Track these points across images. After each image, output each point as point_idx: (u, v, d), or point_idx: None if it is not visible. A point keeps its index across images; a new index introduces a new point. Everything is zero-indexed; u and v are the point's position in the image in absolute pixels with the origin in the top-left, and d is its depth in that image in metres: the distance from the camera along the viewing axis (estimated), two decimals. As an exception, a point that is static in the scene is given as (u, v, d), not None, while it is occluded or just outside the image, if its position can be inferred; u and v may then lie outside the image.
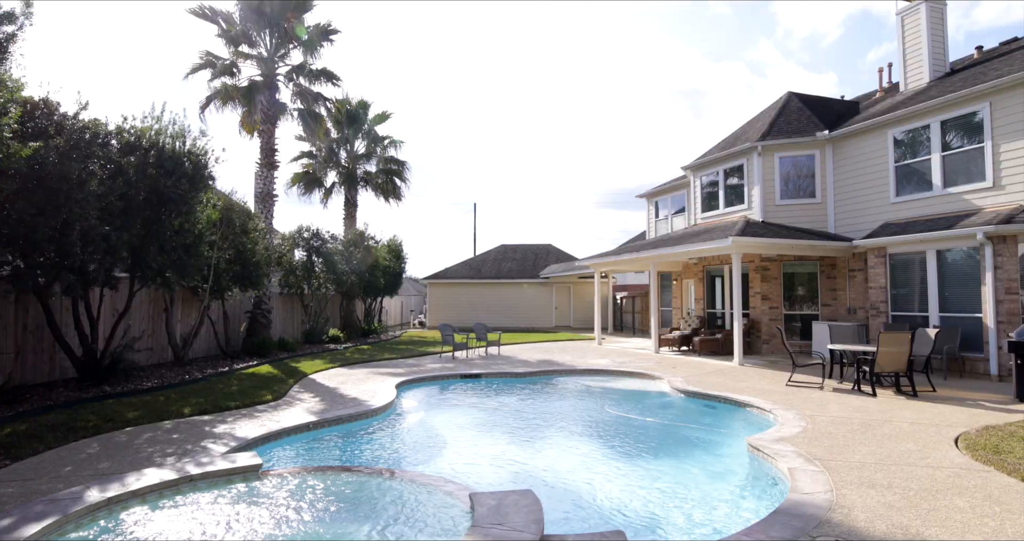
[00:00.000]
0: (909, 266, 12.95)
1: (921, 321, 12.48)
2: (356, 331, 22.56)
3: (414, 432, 7.92)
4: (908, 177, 13.57)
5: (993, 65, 13.03)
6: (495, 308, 30.89)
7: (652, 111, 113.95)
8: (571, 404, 10.13)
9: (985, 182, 11.88)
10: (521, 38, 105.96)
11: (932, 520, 4.23)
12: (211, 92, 17.23)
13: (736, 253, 13.65)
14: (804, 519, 4.20)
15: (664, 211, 23.35)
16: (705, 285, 18.62)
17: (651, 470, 6.20)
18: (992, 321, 11.10)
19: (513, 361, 14.80)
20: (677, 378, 11.55)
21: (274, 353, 15.52)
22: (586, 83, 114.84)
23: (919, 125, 13.27)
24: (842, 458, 5.84)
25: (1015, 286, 10.92)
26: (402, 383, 11.10)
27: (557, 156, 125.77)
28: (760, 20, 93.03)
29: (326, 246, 19.66)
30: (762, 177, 16.14)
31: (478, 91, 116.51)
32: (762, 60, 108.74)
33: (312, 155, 24.01)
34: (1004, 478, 5.22)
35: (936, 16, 14.92)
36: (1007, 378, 10.74)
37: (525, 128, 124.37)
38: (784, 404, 8.69)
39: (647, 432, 8.08)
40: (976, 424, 7.34)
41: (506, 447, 7.18)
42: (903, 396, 9.47)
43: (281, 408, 8.52)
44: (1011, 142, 11.45)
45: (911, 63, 15.33)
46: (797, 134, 15.89)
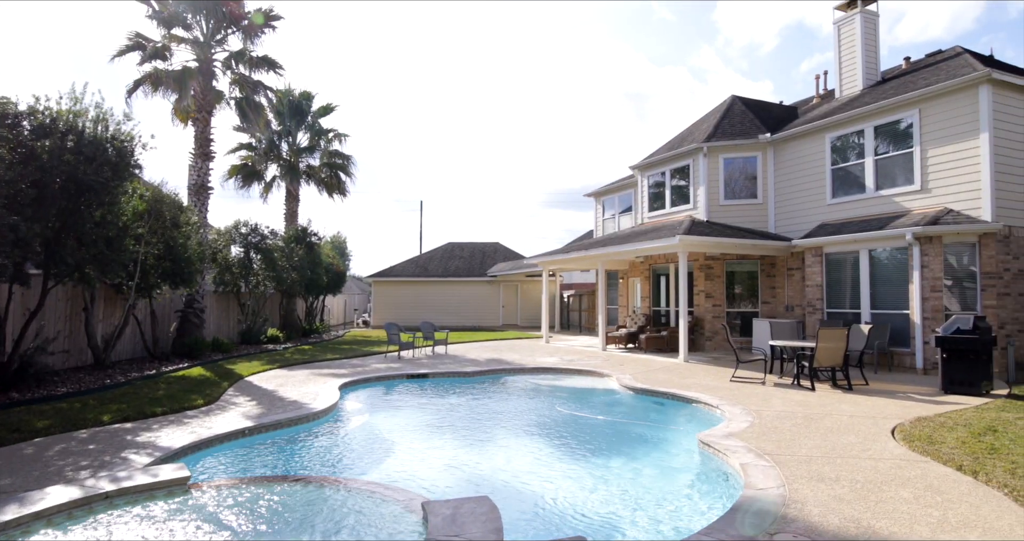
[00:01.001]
0: (843, 265, 13.48)
1: (853, 318, 13.02)
2: (297, 331, 21.72)
3: (360, 436, 7.54)
4: (844, 180, 14.14)
5: (921, 75, 13.73)
6: (442, 307, 30.47)
7: (598, 113, 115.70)
8: (522, 403, 9.97)
9: (914, 185, 12.50)
10: (470, 37, 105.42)
11: (881, 512, 4.28)
12: (140, 76, 16.13)
13: (683, 251, 13.86)
14: (761, 516, 4.17)
15: (611, 210, 23.60)
16: (651, 283, 18.89)
17: (606, 470, 6.10)
18: (919, 317, 11.67)
19: (461, 360, 14.54)
20: (625, 375, 11.59)
21: (207, 354, 14.68)
22: (534, 83, 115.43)
23: (854, 130, 13.85)
24: (790, 452, 5.91)
25: (939, 284, 11.51)
26: (346, 384, 10.66)
27: (504, 155, 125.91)
28: (702, 28, 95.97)
29: (265, 242, 18.80)
30: (707, 178, 16.49)
31: (426, 89, 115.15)
32: (704, 66, 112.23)
33: (251, 147, 22.94)
34: (941, 468, 5.39)
35: (870, 27, 15.62)
36: (932, 371, 11.31)
37: (473, 126, 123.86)
38: (731, 400, 8.81)
39: (599, 430, 8.01)
40: (909, 416, 7.63)
41: (458, 450, 6.94)
42: (839, 390, 9.81)
43: (214, 413, 7.97)
44: (938, 148, 12.07)
45: (846, 71, 16.00)
46: (740, 136, 16.32)
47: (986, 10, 75.16)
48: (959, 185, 11.70)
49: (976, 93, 11.49)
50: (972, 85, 11.55)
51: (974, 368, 9.15)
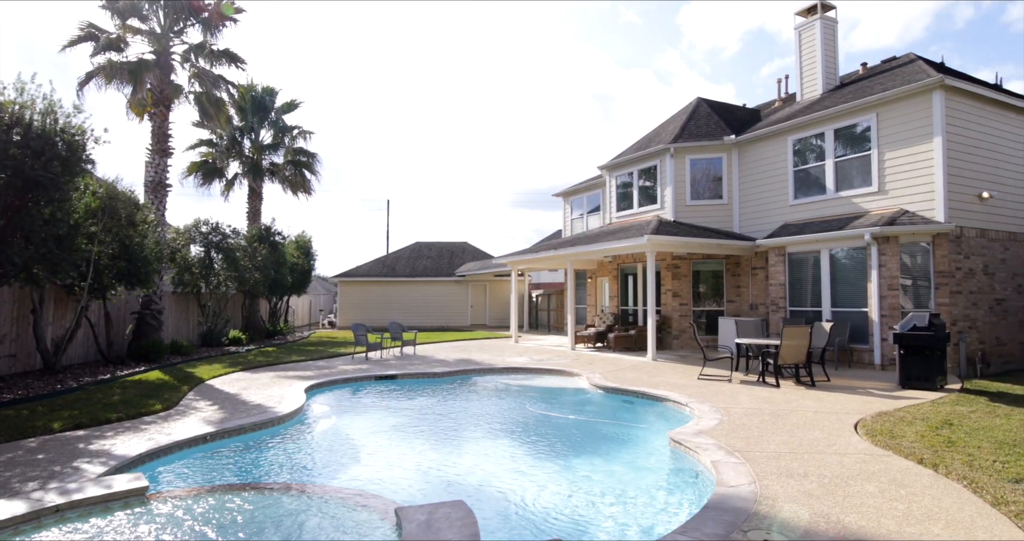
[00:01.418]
0: (805, 264, 13.82)
1: (815, 316, 13.36)
2: (260, 332, 21.18)
3: (327, 440, 7.36)
4: (805, 181, 14.49)
5: (878, 80, 14.17)
6: (410, 307, 30.16)
7: (565, 113, 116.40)
8: (493, 404, 9.90)
9: (872, 187, 12.89)
10: (437, 36, 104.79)
11: (849, 506, 4.36)
12: (93, 68, 15.45)
13: (651, 251, 14.00)
14: (734, 513, 4.19)
15: (579, 210, 23.73)
16: (619, 283, 19.05)
17: (579, 469, 6.08)
18: (876, 315, 12.04)
19: (430, 361, 14.39)
20: (595, 374, 11.64)
21: (166, 358, 14.17)
22: (502, 83, 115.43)
23: (815, 133, 14.21)
24: (759, 449, 5.99)
25: (896, 283, 11.90)
26: (312, 387, 10.41)
27: (472, 154, 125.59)
28: (667, 31, 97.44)
29: (227, 241, 18.25)
30: (674, 178, 16.70)
31: (393, 87, 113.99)
32: (668, 69, 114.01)
33: (212, 143, 22.25)
34: (903, 462, 5.54)
35: (829, 32, 16.06)
36: (889, 367, 11.69)
37: (441, 126, 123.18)
38: (699, 397, 8.92)
39: (571, 430, 8.00)
40: (870, 411, 7.85)
41: (429, 452, 6.82)
42: (803, 386, 10.03)
43: (173, 419, 7.67)
44: (894, 150, 12.48)
45: (807, 75, 16.40)
46: (706, 138, 16.58)
47: (935, 20, 78.43)
48: (914, 187, 12.11)
49: (930, 98, 11.91)
50: (926, 90, 11.97)
51: (930, 364, 9.48)
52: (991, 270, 12.40)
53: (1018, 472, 5.20)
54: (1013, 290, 12.84)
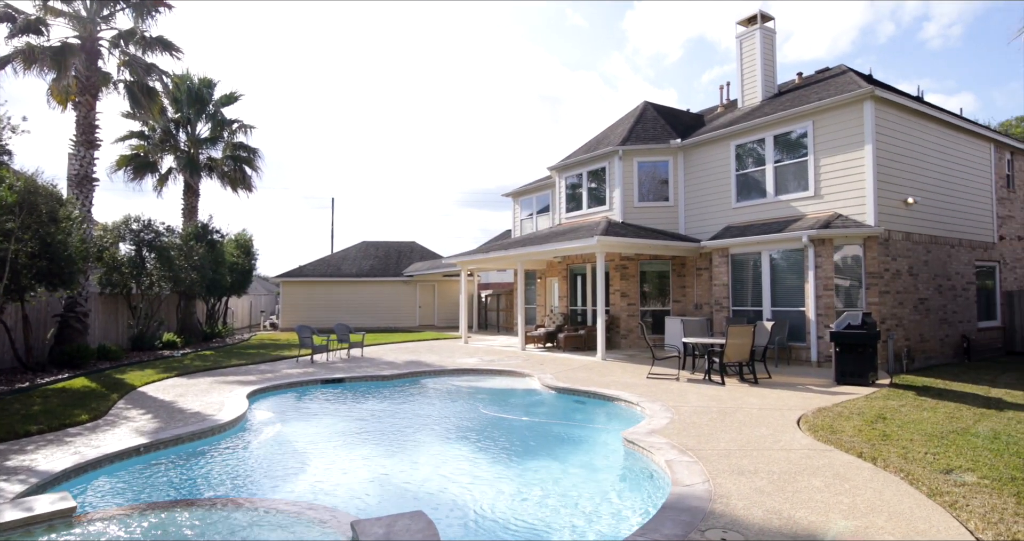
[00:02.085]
0: (747, 265, 14.31)
1: (756, 315, 13.85)
2: (197, 335, 20.19)
3: (274, 449, 7.04)
4: (747, 185, 15.01)
5: (813, 89, 14.83)
6: (356, 308, 29.49)
7: (514, 114, 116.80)
8: (446, 406, 9.76)
9: (808, 192, 13.47)
10: (385, 34, 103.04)
11: (798, 502, 4.50)
12: (11, 51, 14.31)
13: (600, 252, 14.16)
14: (691, 513, 4.25)
15: (529, 210, 23.80)
16: (568, 283, 19.22)
17: (536, 472, 6.04)
18: (813, 314, 12.59)
19: (378, 363, 14.08)
20: (546, 375, 11.67)
21: (93, 363, 13.28)
22: (450, 82, 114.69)
23: (756, 139, 14.73)
24: (710, 447, 6.12)
25: (831, 283, 12.48)
26: (255, 392, 9.99)
27: (420, 153, 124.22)
28: (613, 35, 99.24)
29: (160, 239, 17.29)
30: (622, 180, 16.98)
31: (339, 83, 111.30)
32: (614, 73, 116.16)
33: (144, 136, 21.01)
34: (845, 456, 5.77)
35: (768, 42, 16.70)
36: (825, 363, 12.24)
37: (388, 124, 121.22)
38: (649, 396, 9.07)
39: (526, 432, 7.97)
40: (811, 407, 8.18)
41: (384, 459, 6.62)
42: (747, 383, 10.37)
43: (102, 430, 7.17)
44: (829, 157, 13.08)
45: (747, 82, 17.00)
46: (653, 141, 16.92)
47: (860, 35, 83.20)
48: (847, 192, 12.73)
49: (861, 108, 12.54)
50: (858, 101, 12.60)
51: (863, 360, 9.98)
52: (915, 271, 13.18)
53: (947, 463, 5.51)
54: (934, 290, 13.70)
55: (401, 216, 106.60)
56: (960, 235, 14.61)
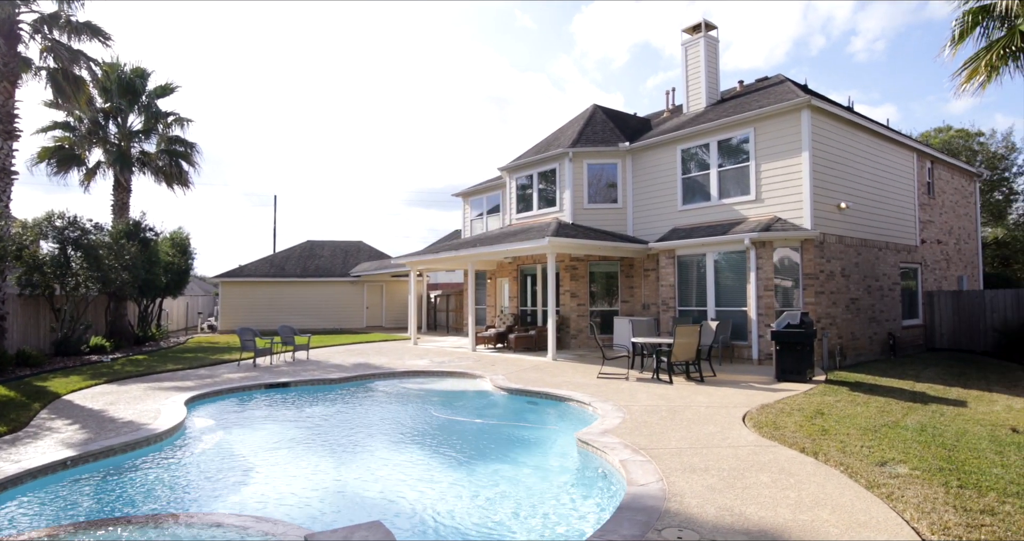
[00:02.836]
0: (692, 266, 14.73)
1: (701, 315, 14.27)
2: (128, 339, 19.11)
3: (216, 458, 6.72)
4: (692, 188, 15.45)
5: (754, 97, 15.41)
6: (302, 309, 28.64)
7: (462, 113, 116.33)
8: (396, 410, 9.58)
9: (750, 196, 13.98)
10: (330, 28, 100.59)
11: (748, 498, 4.64)
12: (-89, 32, 13.14)
13: (551, 252, 14.26)
14: (647, 513, 4.31)
15: (479, 210, 23.74)
16: (519, 283, 19.27)
17: (492, 476, 6.01)
18: (754, 313, 13.08)
19: (325, 366, 13.71)
20: (498, 376, 11.65)
21: (11, 370, 12.36)
22: (398, 79, 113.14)
23: (701, 143, 15.18)
24: (662, 445, 6.24)
25: (771, 284, 13.00)
26: (194, 398, 9.53)
27: (366, 151, 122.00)
28: (561, 38, 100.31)
29: (88, 237, 16.25)
30: (572, 182, 17.16)
31: (283, 78, 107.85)
32: (562, 75, 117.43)
33: (70, 127, 19.68)
34: (788, 451, 6.00)
35: (711, 50, 17.25)
36: (766, 361, 12.74)
37: (333, 120, 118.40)
38: (600, 396, 9.18)
39: (479, 435, 7.92)
40: (754, 404, 8.48)
41: (335, 467, 6.42)
42: (693, 382, 10.65)
43: (23, 442, 6.66)
44: (769, 163, 13.61)
45: (692, 89, 17.50)
46: (603, 143, 17.18)
47: (794, 47, 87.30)
48: (786, 196, 13.29)
49: (799, 117, 13.11)
50: (796, 109, 13.17)
51: (801, 358, 10.43)
52: (847, 272, 13.89)
53: (882, 455, 5.81)
54: (864, 290, 14.48)
55: (347, 215, 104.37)
56: (887, 238, 15.50)
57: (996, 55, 8.47)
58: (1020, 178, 29.52)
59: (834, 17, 77.41)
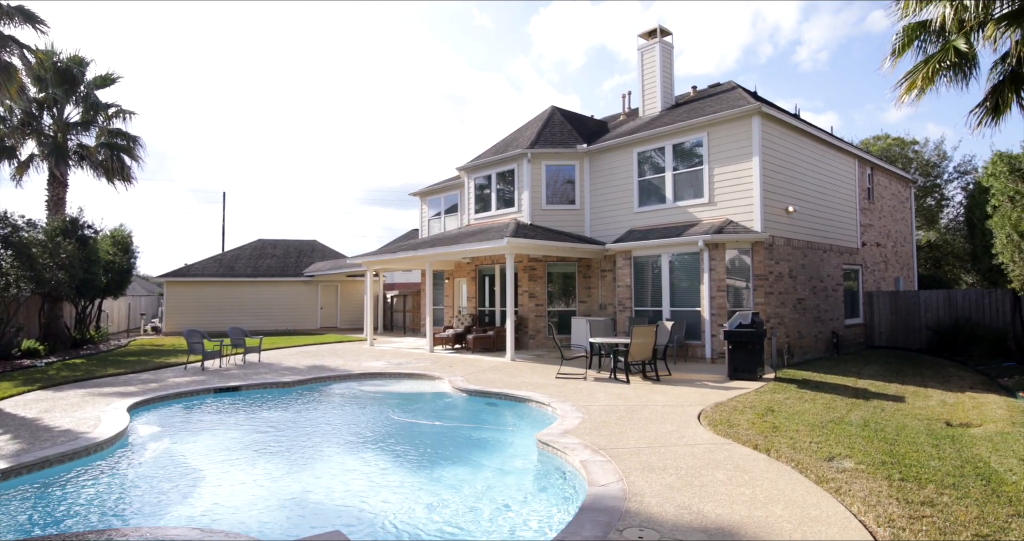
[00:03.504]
0: (648, 267, 15.00)
1: (656, 315, 14.55)
2: (64, 342, 18.12)
3: (162, 468, 6.42)
4: (648, 190, 15.74)
5: (707, 103, 15.81)
6: (253, 310, 27.77)
7: (419, 112, 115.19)
8: (353, 413, 9.40)
9: (704, 199, 14.34)
10: (283, 22, 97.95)
11: (705, 495, 4.74)
12: None
13: (510, 253, 14.27)
14: (608, 513, 4.35)
15: (436, 209, 23.56)
16: (477, 284, 19.21)
17: (452, 479, 5.95)
18: (708, 313, 13.43)
19: (278, 368, 13.33)
20: (457, 377, 11.58)
21: (-68, 377, 11.53)
22: (353, 76, 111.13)
23: (656, 147, 15.48)
24: (621, 445, 6.32)
25: (723, 285, 13.36)
26: (138, 405, 9.11)
27: (320, 148, 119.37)
28: (519, 38, 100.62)
29: (19, 234, 15.32)
30: (531, 183, 17.22)
31: (232, 72, 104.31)
32: (520, 76, 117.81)
33: (0, 118, 18.53)
34: (742, 449, 6.18)
35: (667, 55, 17.61)
36: (719, 360, 13.09)
37: (286, 116, 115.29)
38: (559, 397, 9.24)
39: (439, 437, 7.84)
40: (709, 402, 8.69)
41: (290, 474, 6.23)
42: (649, 381, 10.85)
43: (-52, 456, 6.21)
44: (722, 166, 13.99)
45: (648, 93, 17.83)
46: (561, 145, 17.31)
47: (743, 54, 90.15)
48: (738, 200, 13.69)
49: (750, 122, 13.53)
50: (747, 115, 13.58)
51: (752, 357, 10.76)
52: (795, 274, 14.42)
53: (829, 451, 6.05)
54: (810, 291, 15.06)
55: (300, 213, 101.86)
56: (831, 241, 16.17)
57: (932, 69, 8.94)
58: (950, 185, 31.31)
59: (781, 27, 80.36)
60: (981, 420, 7.66)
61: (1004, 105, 9.14)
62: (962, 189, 30.41)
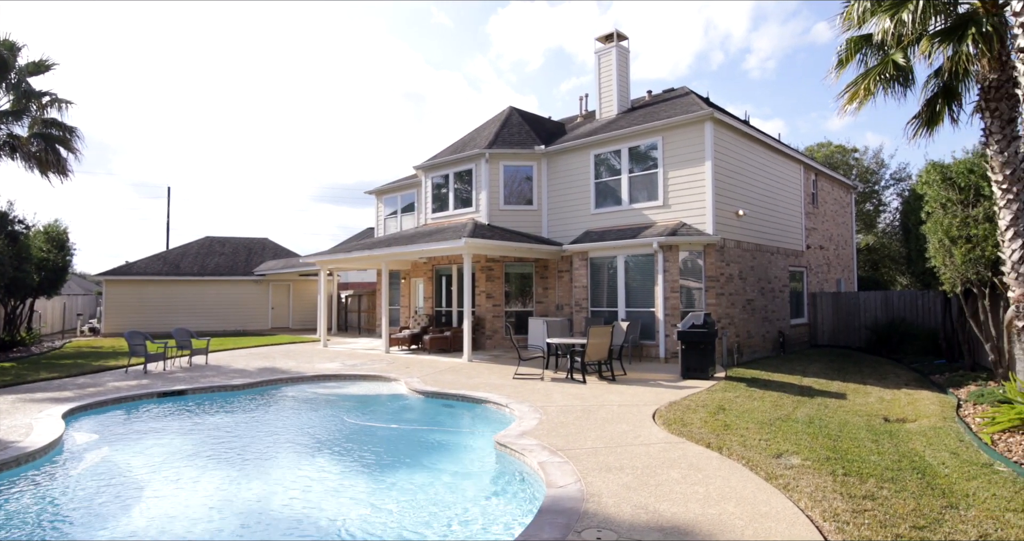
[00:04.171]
0: (604, 268, 15.21)
1: (612, 315, 14.77)
2: (-9, 344, 17.03)
3: (100, 479, 6.10)
4: (605, 192, 15.95)
5: (662, 107, 16.14)
6: (200, 310, 26.76)
7: (375, 109, 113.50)
8: (306, 417, 9.16)
9: (658, 201, 14.63)
10: (234, 14, 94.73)
11: (661, 495, 4.83)
12: None
13: (468, 253, 14.21)
14: (567, 515, 4.38)
15: (393, 208, 23.27)
16: (434, 284, 19.06)
17: (409, 484, 5.87)
18: (661, 314, 13.71)
19: (227, 371, 12.89)
20: (413, 378, 11.46)
21: None
22: (306, 70, 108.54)
23: (613, 149, 15.71)
24: (578, 445, 6.38)
25: (677, 286, 13.67)
26: (73, 411, 8.65)
27: (272, 144, 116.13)
28: (477, 38, 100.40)
29: (-60, 230, 14.32)
30: (489, 183, 17.20)
31: (178, 62, 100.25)
32: (478, 75, 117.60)
33: (-84, 103, 17.23)
34: (695, 447, 6.32)
35: (623, 59, 17.89)
36: (672, 359, 13.39)
37: (236, 109, 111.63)
38: (517, 397, 9.26)
39: (395, 441, 7.73)
40: (663, 401, 8.87)
41: (238, 484, 6.02)
42: (605, 381, 10.99)
43: None
44: (676, 170, 14.31)
45: (605, 96, 18.08)
46: (519, 146, 17.35)
47: (696, 61, 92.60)
48: (691, 203, 14.03)
49: (703, 128, 13.88)
50: (700, 121, 13.93)
51: (704, 357, 11.05)
52: (744, 275, 14.89)
53: (778, 448, 6.26)
54: (758, 292, 15.58)
55: (251, 211, 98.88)
56: (778, 244, 16.77)
57: (872, 81, 9.36)
58: (887, 191, 32.97)
59: (732, 35, 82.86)
60: (916, 415, 8.08)
61: (937, 118, 9.65)
62: (898, 195, 32.06)
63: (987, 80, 8.30)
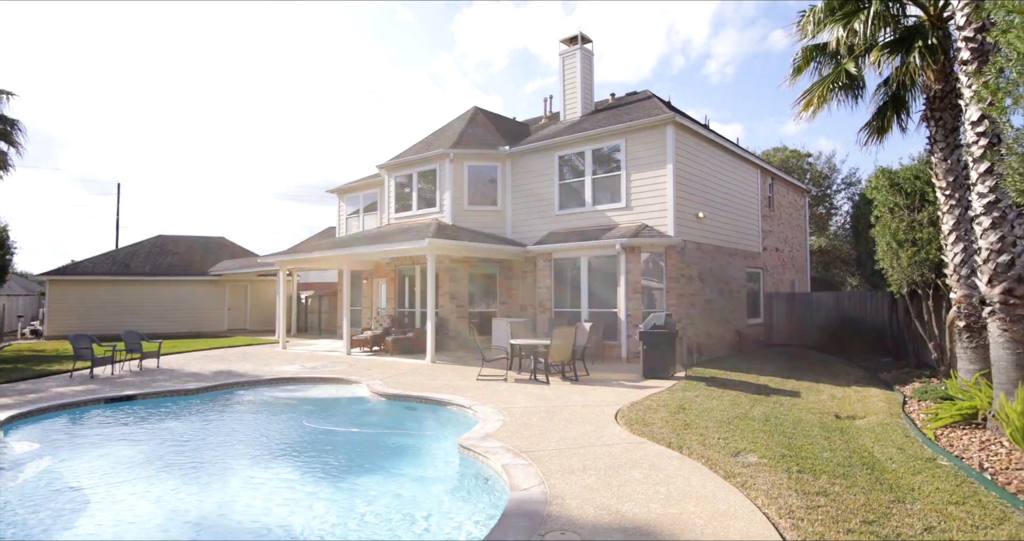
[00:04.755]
0: (568, 269, 15.31)
1: (575, 316, 14.88)
2: (-78, 348, 16.03)
3: (40, 492, 5.79)
4: (569, 194, 16.05)
5: (625, 110, 16.35)
6: (152, 311, 25.78)
7: (337, 106, 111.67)
8: (264, 422, 8.92)
9: (621, 203, 14.81)
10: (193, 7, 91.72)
11: (623, 495, 4.87)
12: None
13: (431, 254, 14.10)
14: (530, 518, 4.37)
15: (355, 207, 22.94)
16: (397, 285, 18.85)
17: (371, 489, 5.77)
18: (624, 314, 13.88)
19: (180, 375, 12.46)
20: (375, 381, 11.30)
21: None
22: (263, 65, 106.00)
23: (577, 151, 15.83)
24: (542, 447, 6.39)
25: (639, 287, 13.86)
26: (12, 418, 8.23)
27: (229, 140, 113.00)
28: (442, 37, 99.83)
29: None
30: (453, 183, 17.11)
31: (130, 55, 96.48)
32: (442, 74, 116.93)
33: None
34: (656, 447, 6.41)
35: (587, 62, 18.05)
36: (634, 359, 13.56)
37: (190, 103, 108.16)
38: (481, 399, 9.22)
39: (357, 445, 7.60)
40: (625, 401, 8.97)
41: (193, 492, 5.80)
42: (568, 382, 11.05)
43: None
44: (638, 172, 14.51)
45: (569, 98, 18.20)
46: (483, 146, 17.32)
47: (658, 64, 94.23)
48: (653, 205, 14.25)
49: (665, 131, 14.12)
50: (662, 124, 14.16)
51: (665, 357, 11.23)
52: (704, 276, 15.21)
53: (735, 446, 6.40)
54: (717, 293, 15.94)
55: (207, 209, 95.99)
56: (736, 246, 17.19)
57: (826, 89, 9.70)
58: (838, 195, 34.22)
59: (692, 40, 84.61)
60: (865, 412, 8.39)
61: (888, 125, 10.07)
62: (849, 199, 33.33)
63: (932, 90, 8.69)
